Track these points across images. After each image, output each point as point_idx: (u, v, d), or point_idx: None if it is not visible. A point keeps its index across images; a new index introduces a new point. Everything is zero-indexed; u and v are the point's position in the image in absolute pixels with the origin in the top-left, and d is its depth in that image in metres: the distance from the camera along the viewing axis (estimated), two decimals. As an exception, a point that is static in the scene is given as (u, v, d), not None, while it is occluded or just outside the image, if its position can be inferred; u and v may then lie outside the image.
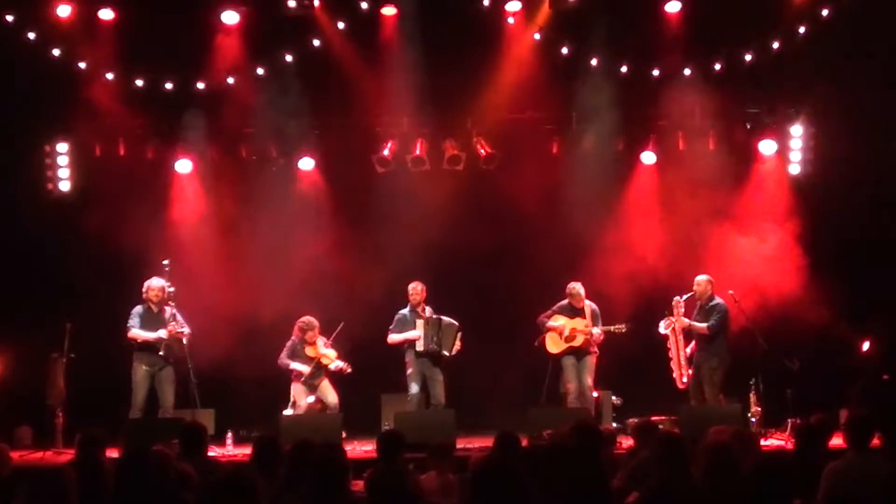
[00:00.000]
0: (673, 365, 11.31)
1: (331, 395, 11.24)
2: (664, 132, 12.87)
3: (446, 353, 11.29)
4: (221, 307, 11.84)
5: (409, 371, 11.34)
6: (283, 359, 11.28)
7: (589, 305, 11.43)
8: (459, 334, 11.35)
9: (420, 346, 11.25)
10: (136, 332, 10.77)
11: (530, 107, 12.58)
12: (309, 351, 11.21)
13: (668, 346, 11.34)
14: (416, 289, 11.37)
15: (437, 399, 11.28)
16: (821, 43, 11.91)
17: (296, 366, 11.21)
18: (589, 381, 11.33)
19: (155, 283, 10.84)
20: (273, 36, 12.22)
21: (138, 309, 10.89)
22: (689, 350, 11.25)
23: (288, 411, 11.08)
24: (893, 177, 12.15)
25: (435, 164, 12.77)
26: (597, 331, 11.31)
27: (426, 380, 11.34)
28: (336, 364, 11.20)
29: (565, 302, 11.47)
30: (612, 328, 11.32)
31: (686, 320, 11.19)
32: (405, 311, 11.42)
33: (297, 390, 11.24)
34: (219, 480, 4.28)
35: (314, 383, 11.26)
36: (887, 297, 12.08)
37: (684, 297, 11.25)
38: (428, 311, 11.42)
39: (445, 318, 11.35)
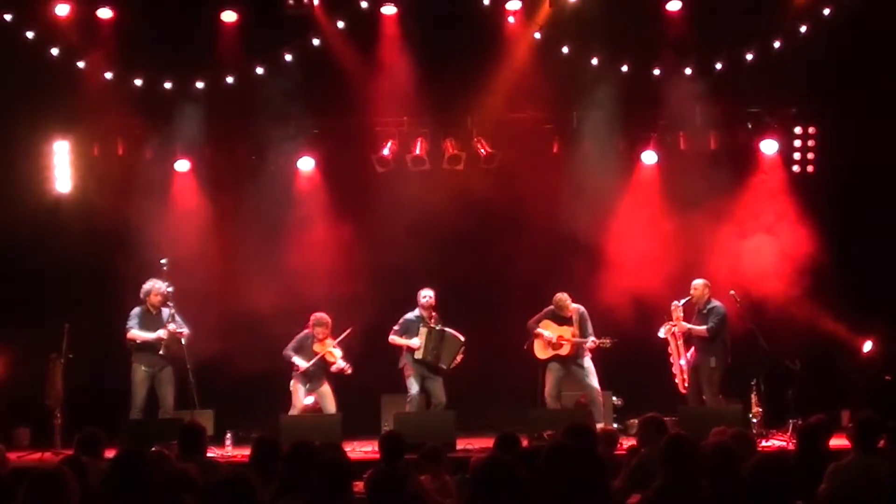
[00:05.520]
0: (675, 370, 11.30)
1: (329, 404, 11.18)
2: (664, 132, 12.84)
3: (444, 366, 11.30)
4: (221, 307, 11.83)
5: (409, 373, 11.34)
6: (288, 350, 11.24)
7: (576, 309, 11.37)
8: (462, 349, 11.34)
9: (419, 355, 11.27)
10: (136, 333, 10.79)
11: (530, 107, 12.55)
12: (317, 347, 11.20)
13: (669, 350, 11.34)
14: (428, 297, 11.33)
15: (438, 399, 11.29)
16: (822, 42, 11.89)
17: (297, 360, 11.18)
18: (595, 384, 11.28)
19: (155, 288, 10.86)
20: (272, 35, 12.19)
21: (137, 310, 10.93)
22: (689, 355, 11.22)
23: (293, 411, 11.08)
24: (894, 176, 12.11)
25: (435, 163, 12.73)
26: (590, 342, 11.24)
27: (425, 380, 11.33)
28: (339, 364, 11.17)
29: (552, 307, 11.44)
30: (597, 342, 11.25)
31: (686, 324, 11.19)
32: (412, 315, 11.40)
33: (296, 388, 11.22)
34: (218, 481, 4.27)
35: (315, 385, 11.22)
36: (889, 297, 12.05)
37: (682, 301, 11.24)
38: (435, 318, 11.40)
39: (449, 331, 11.33)
